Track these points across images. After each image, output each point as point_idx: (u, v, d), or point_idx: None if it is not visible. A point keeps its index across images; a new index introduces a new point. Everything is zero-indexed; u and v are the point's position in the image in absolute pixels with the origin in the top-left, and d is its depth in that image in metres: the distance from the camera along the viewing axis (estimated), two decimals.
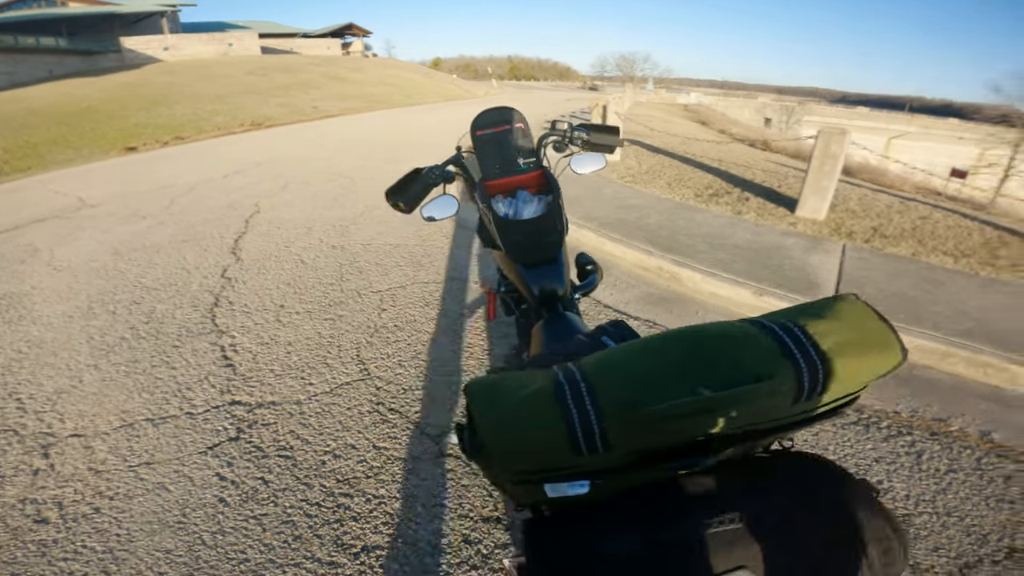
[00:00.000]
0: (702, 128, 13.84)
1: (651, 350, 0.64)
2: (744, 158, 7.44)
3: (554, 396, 0.60)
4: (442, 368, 2.36)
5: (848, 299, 0.68)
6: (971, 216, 4.88)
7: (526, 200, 1.61)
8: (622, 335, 1.14)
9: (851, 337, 0.62)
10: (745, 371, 0.60)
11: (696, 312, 2.89)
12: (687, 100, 24.81)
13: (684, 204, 4.63)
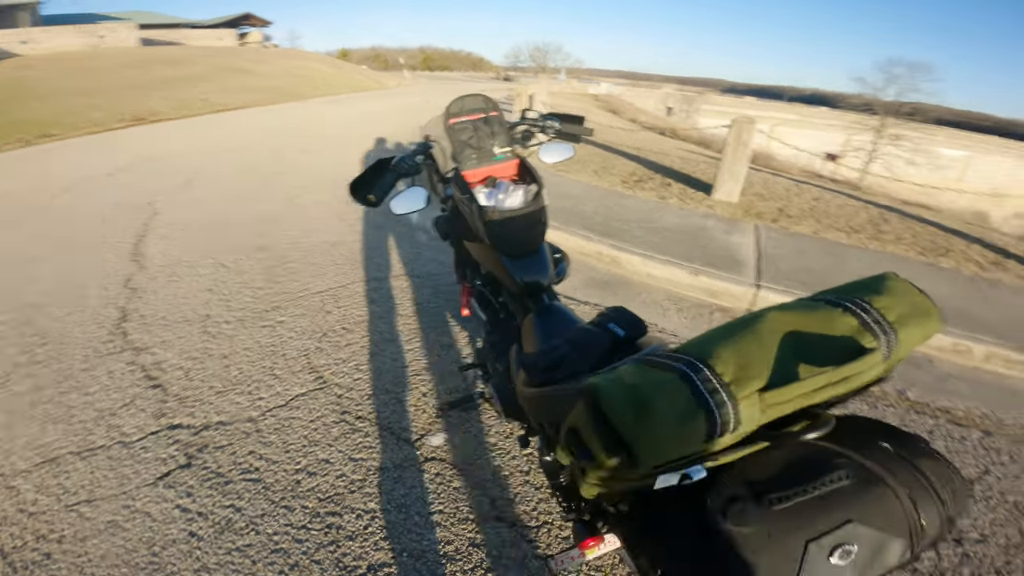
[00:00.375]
0: (615, 117, 14.44)
1: (750, 332, 0.68)
2: (658, 146, 7.89)
3: (690, 389, 0.62)
4: (405, 369, 2.28)
5: (891, 276, 0.76)
6: (855, 196, 5.57)
7: (508, 190, 1.59)
8: (627, 320, 1.19)
9: (907, 310, 0.70)
10: (850, 346, 0.66)
11: (639, 294, 3.06)
12: (597, 90, 25.68)
13: (613, 191, 4.83)
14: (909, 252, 3.88)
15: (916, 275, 3.52)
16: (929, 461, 0.71)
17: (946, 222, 4.94)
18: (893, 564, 0.66)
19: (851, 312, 0.70)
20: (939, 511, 0.67)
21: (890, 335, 0.68)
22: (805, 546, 0.64)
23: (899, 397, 2.38)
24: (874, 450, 0.72)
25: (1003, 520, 1.75)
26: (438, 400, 2.10)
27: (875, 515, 0.65)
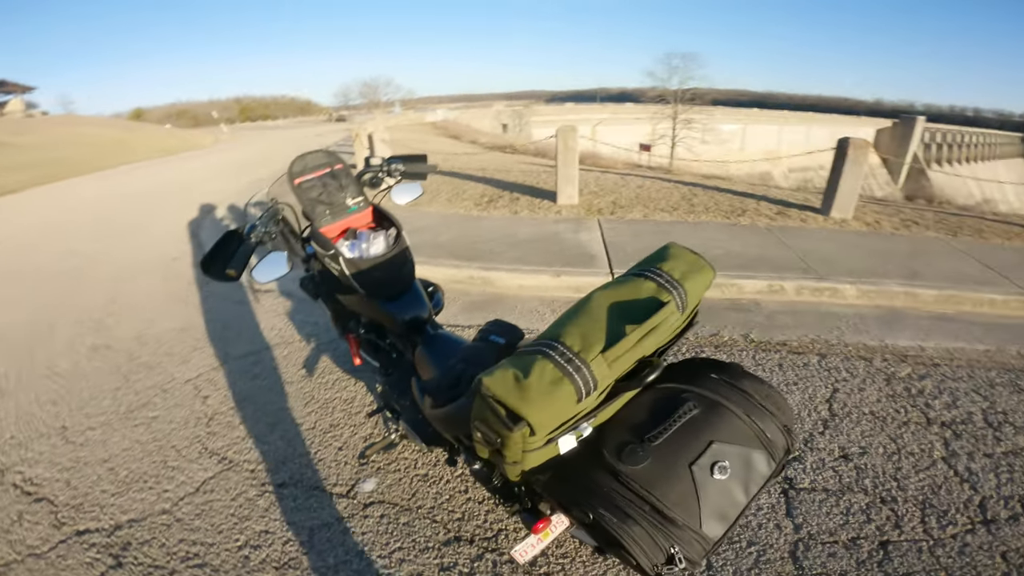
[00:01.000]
0: (457, 142, 14.97)
1: (584, 312, 0.88)
2: (501, 164, 8.41)
3: (553, 364, 0.78)
4: (313, 431, 2.21)
5: (672, 246, 1.02)
6: (668, 179, 6.54)
7: (369, 238, 1.65)
8: (505, 329, 1.36)
9: (687, 268, 0.96)
10: (652, 304, 0.88)
11: (515, 306, 3.28)
12: (435, 118, 26.28)
13: (468, 215, 5.07)
14: (716, 218, 4.70)
15: (724, 234, 4.29)
16: (748, 381, 0.97)
17: (738, 188, 6.05)
18: (766, 473, 0.88)
19: (649, 278, 0.94)
20: (773, 422, 0.92)
21: (679, 289, 0.92)
22: (690, 469, 0.83)
23: (745, 341, 2.89)
24: (707, 381, 0.96)
25: (870, 431, 2.20)
26: (359, 450, 2.08)
27: (727, 432, 0.88)
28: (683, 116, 28.52)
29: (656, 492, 0.81)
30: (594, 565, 1.58)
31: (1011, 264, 4.13)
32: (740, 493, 0.84)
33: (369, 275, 1.54)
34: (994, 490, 1.91)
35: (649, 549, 0.79)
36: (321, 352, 2.81)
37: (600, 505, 0.83)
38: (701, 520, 0.80)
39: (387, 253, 1.58)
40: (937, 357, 2.85)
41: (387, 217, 1.74)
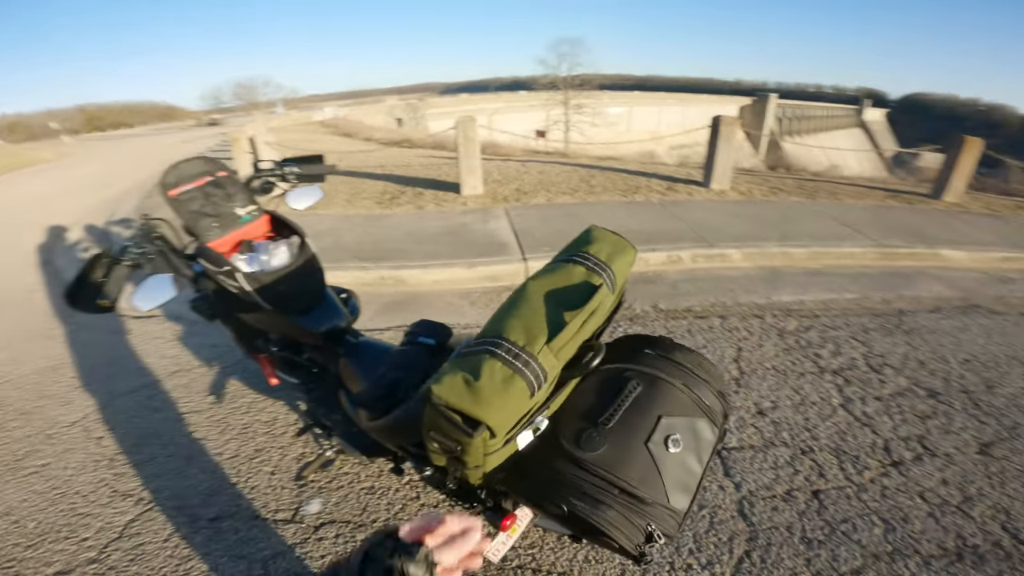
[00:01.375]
0: (349, 140, 14.25)
1: (521, 304, 0.85)
2: (400, 159, 8.14)
3: (502, 362, 0.76)
4: (235, 459, 2.00)
5: (594, 229, 1.04)
6: (566, 163, 6.73)
7: (270, 249, 1.49)
8: (433, 329, 1.30)
9: (611, 249, 0.97)
10: (585, 288, 0.88)
11: (432, 303, 3.19)
12: (323, 116, 24.76)
13: (371, 214, 4.84)
14: (614, 197, 4.93)
15: (623, 212, 4.51)
16: (680, 352, 1.00)
17: (630, 167, 6.40)
18: (712, 440, 0.91)
19: (578, 263, 0.94)
20: (709, 389, 0.95)
21: (607, 270, 0.94)
22: (646, 447, 0.84)
23: (655, 311, 3.06)
24: (644, 357, 0.97)
25: (776, 385, 2.39)
26: (294, 472, 1.94)
27: (671, 405, 0.90)
28: (574, 101, 29.63)
29: (620, 474, 0.81)
30: (562, 551, 1.60)
31: (863, 221, 4.80)
32: (695, 463, 0.85)
33: (275, 289, 1.41)
34: (892, 432, 2.19)
35: (627, 531, 0.79)
36: (227, 376, 2.54)
37: (571, 495, 0.82)
38: (667, 495, 0.81)
39: (292, 263, 1.45)
40: (816, 309, 3.22)
41: (287, 225, 1.60)
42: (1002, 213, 5.66)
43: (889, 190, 6.46)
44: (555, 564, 1.58)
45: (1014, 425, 2.23)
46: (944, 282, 3.80)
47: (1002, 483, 1.92)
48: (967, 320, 3.18)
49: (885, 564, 1.60)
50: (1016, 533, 1.71)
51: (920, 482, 1.92)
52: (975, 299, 3.54)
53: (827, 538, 1.68)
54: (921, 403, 2.36)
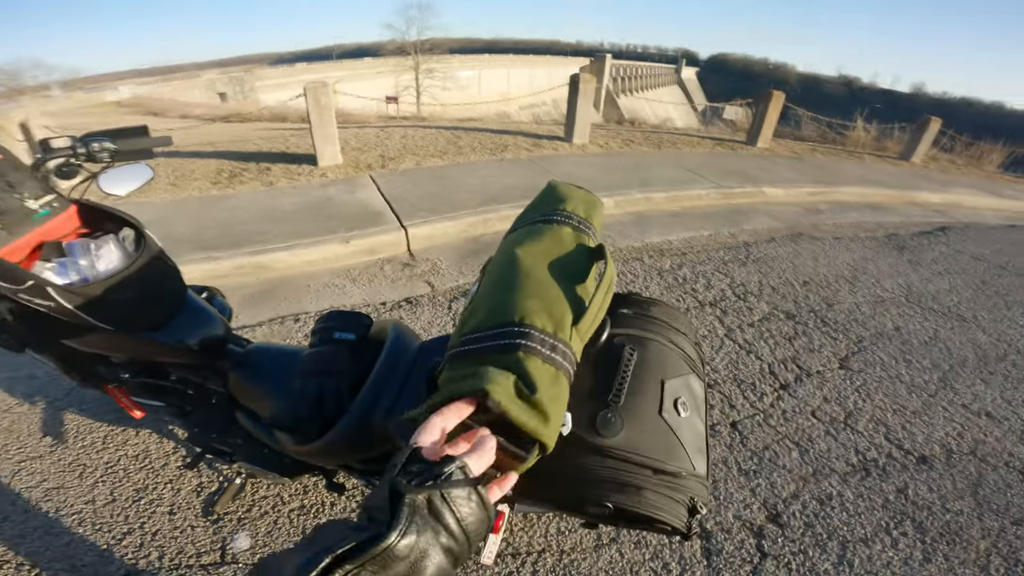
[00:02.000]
0: (160, 119, 12.04)
1: (524, 278, 0.71)
2: (233, 134, 7.05)
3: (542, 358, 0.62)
4: (113, 504, 1.59)
5: (555, 184, 0.93)
6: (427, 126, 6.43)
7: (92, 249, 1.08)
8: (348, 320, 1.09)
9: (585, 204, 0.87)
10: (583, 252, 0.77)
11: (308, 285, 2.82)
12: (119, 96, 20.41)
13: (207, 196, 4.12)
14: (484, 156, 4.83)
15: (497, 170, 4.45)
16: (654, 307, 0.91)
17: (494, 127, 6.34)
18: (703, 394, 0.84)
19: (562, 223, 0.81)
20: (687, 341, 0.88)
21: (591, 228, 0.83)
22: (661, 417, 0.74)
23: None
24: (624, 319, 0.87)
25: None
26: (200, 508, 1.61)
27: (668, 366, 0.81)
28: (424, 66, 28.66)
29: (647, 452, 0.72)
30: (532, 529, 1.55)
31: (702, 166, 5.35)
32: (699, 422, 0.79)
33: (110, 302, 1.03)
34: (772, 356, 2.46)
35: (674, 511, 0.71)
36: (60, 410, 1.97)
37: (612, 491, 0.71)
38: (692, 462, 0.74)
39: (130, 265, 1.07)
40: (682, 247, 3.53)
41: (110, 216, 1.19)
42: (802, 155, 6.78)
43: (715, 139, 7.34)
44: (530, 544, 1.52)
45: (859, 338, 2.69)
46: (772, 215, 4.44)
47: (868, 395, 2.27)
48: (796, 247, 3.75)
49: (813, 485, 1.79)
50: (899, 443, 2.02)
51: (808, 402, 2.19)
52: (798, 228, 4.20)
53: (759, 467, 1.84)
54: (784, 325, 2.72)
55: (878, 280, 3.36)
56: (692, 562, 1.50)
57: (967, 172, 7.57)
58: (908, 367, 2.49)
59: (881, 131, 8.67)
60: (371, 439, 0.98)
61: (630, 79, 49.39)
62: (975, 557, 1.60)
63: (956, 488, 1.85)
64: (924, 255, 3.90)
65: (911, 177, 6.44)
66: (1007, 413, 2.26)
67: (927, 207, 5.49)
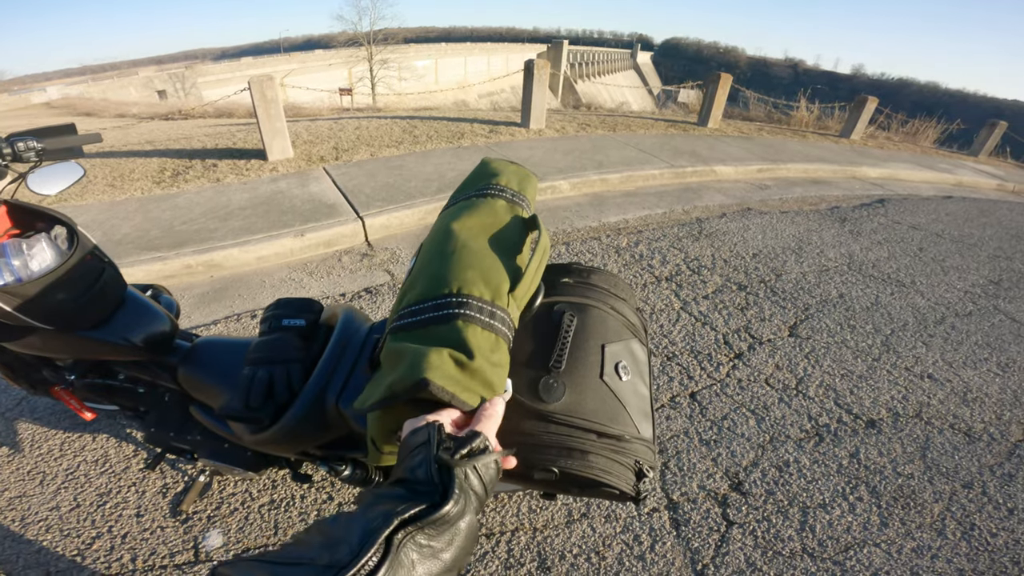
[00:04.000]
0: (94, 119, 11.34)
1: (459, 249, 0.72)
2: (174, 132, 6.72)
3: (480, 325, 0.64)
4: (77, 510, 1.51)
5: (488, 160, 0.92)
6: (382, 117, 6.29)
7: (23, 249, 1.04)
8: (296, 306, 1.08)
9: (518, 178, 0.88)
10: (517, 224, 0.78)
11: (263, 281, 2.74)
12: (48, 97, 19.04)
13: (150, 196, 3.93)
14: (441, 144, 4.78)
15: (454, 158, 4.42)
16: (594, 275, 0.92)
17: (450, 115, 6.26)
18: (646, 359, 0.86)
19: (496, 196, 0.82)
20: (627, 307, 0.90)
21: (524, 200, 0.84)
22: (603, 381, 0.76)
23: None
24: (564, 287, 0.89)
25: None
26: (168, 509, 1.57)
27: (608, 331, 0.82)
28: (379, 57, 27.98)
29: (590, 416, 0.73)
30: (504, 509, 1.56)
31: (656, 147, 5.46)
32: (642, 386, 0.81)
33: (48, 301, 1.00)
34: (725, 326, 2.54)
35: (621, 474, 0.72)
36: (13, 420, 1.87)
37: (557, 456, 0.71)
38: (636, 426, 0.76)
39: (64, 263, 1.04)
40: (638, 226, 3.60)
41: (40, 214, 1.14)
42: (749, 134, 6.99)
43: (668, 120, 7.49)
44: (503, 523, 1.54)
45: (805, 306, 2.81)
46: (722, 192, 4.58)
47: (817, 361, 2.36)
48: (746, 221, 3.89)
49: (771, 452, 1.85)
50: (848, 408, 2.10)
51: (761, 370, 2.26)
52: (747, 203, 4.35)
53: (719, 437, 1.89)
54: (736, 296, 2.83)
55: (822, 250, 3.53)
56: (662, 533, 1.54)
57: (904, 148, 7.99)
58: (852, 332, 2.62)
59: (823, 111, 9.04)
60: (326, 422, 0.98)
61: (587, 64, 49.66)
62: (931, 521, 1.66)
63: (905, 452, 1.92)
64: (864, 225, 4.12)
65: (851, 153, 6.76)
66: (948, 375, 2.38)
67: (866, 181, 5.78)
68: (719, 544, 1.54)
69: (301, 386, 0.99)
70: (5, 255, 1.04)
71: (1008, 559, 1.57)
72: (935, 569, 1.52)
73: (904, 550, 1.56)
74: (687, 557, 1.50)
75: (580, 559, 1.47)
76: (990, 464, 1.91)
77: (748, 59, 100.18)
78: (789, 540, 1.56)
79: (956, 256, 3.73)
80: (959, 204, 5.24)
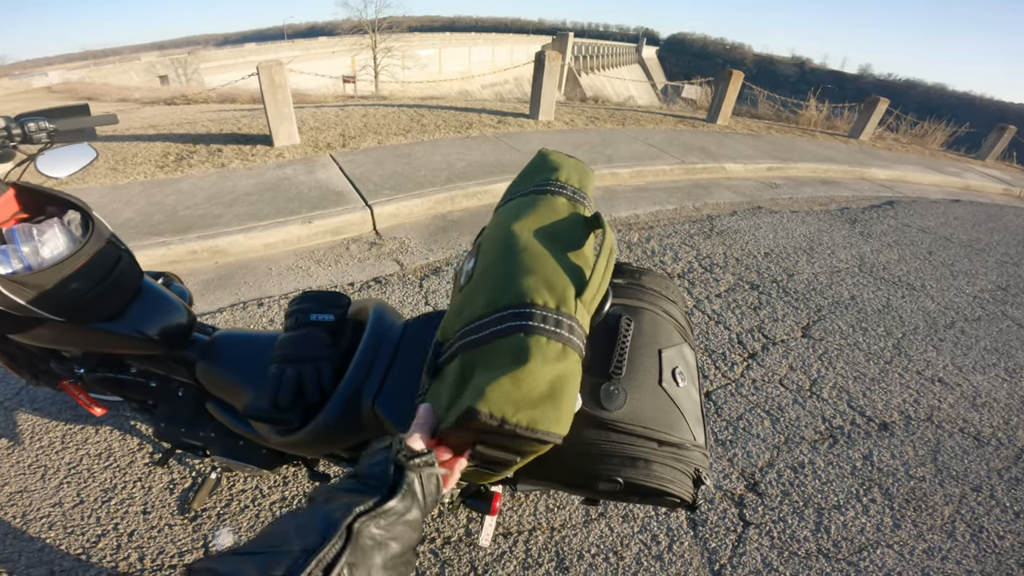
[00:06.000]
0: (96, 103, 11.21)
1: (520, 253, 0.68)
2: (179, 116, 6.64)
3: (546, 335, 0.60)
4: (81, 506, 1.45)
5: (549, 153, 0.87)
6: (388, 105, 6.22)
7: (33, 236, 0.98)
8: (325, 301, 1.04)
9: (577, 173, 0.84)
10: (578, 221, 0.74)
11: (270, 268, 2.70)
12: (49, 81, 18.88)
13: (154, 180, 3.87)
14: (449, 134, 4.72)
15: (462, 148, 4.36)
16: (645, 276, 0.88)
17: (458, 104, 6.19)
18: (695, 363, 0.82)
19: (556, 194, 0.78)
20: (678, 309, 0.86)
21: (585, 197, 0.80)
22: (662, 387, 0.72)
23: None
24: (617, 289, 0.84)
25: None
26: (176, 506, 1.53)
27: (662, 336, 0.79)
28: (382, 45, 27.78)
29: (651, 424, 0.70)
30: (521, 508, 1.54)
31: (665, 142, 5.40)
32: (695, 392, 0.78)
33: (60, 292, 0.94)
34: (739, 325, 2.51)
35: (681, 483, 0.70)
36: (12, 411, 1.82)
37: (622, 466, 0.68)
38: (693, 433, 0.73)
39: (78, 250, 0.98)
40: (649, 221, 3.56)
41: (51, 196, 1.09)
42: (759, 132, 6.94)
43: (677, 116, 7.42)
44: (520, 523, 1.51)
45: (818, 307, 2.78)
46: (732, 190, 4.54)
47: (830, 363, 2.34)
48: (757, 220, 3.85)
49: (786, 453, 1.84)
50: (861, 410, 2.09)
51: (775, 371, 2.24)
52: (757, 202, 4.31)
53: (735, 437, 1.88)
54: (749, 296, 2.79)
55: (833, 251, 3.50)
56: (679, 533, 1.53)
57: (912, 150, 7.95)
58: (865, 335, 2.61)
59: (832, 110, 8.97)
60: (360, 424, 0.94)
61: (592, 58, 49.30)
62: (941, 523, 1.67)
63: (917, 454, 1.92)
64: (874, 227, 4.09)
65: (860, 154, 6.71)
66: (958, 379, 2.38)
67: (875, 182, 5.74)
68: (736, 544, 1.53)
69: (332, 386, 0.95)
70: (14, 241, 0.99)
71: (1014, 561, 1.59)
72: (945, 570, 1.53)
73: (916, 551, 1.57)
74: (704, 557, 1.48)
75: (598, 559, 1.45)
76: (998, 468, 1.92)
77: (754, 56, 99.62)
78: (805, 541, 1.56)
79: (965, 260, 3.71)
80: (967, 208, 5.21)
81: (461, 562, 1.41)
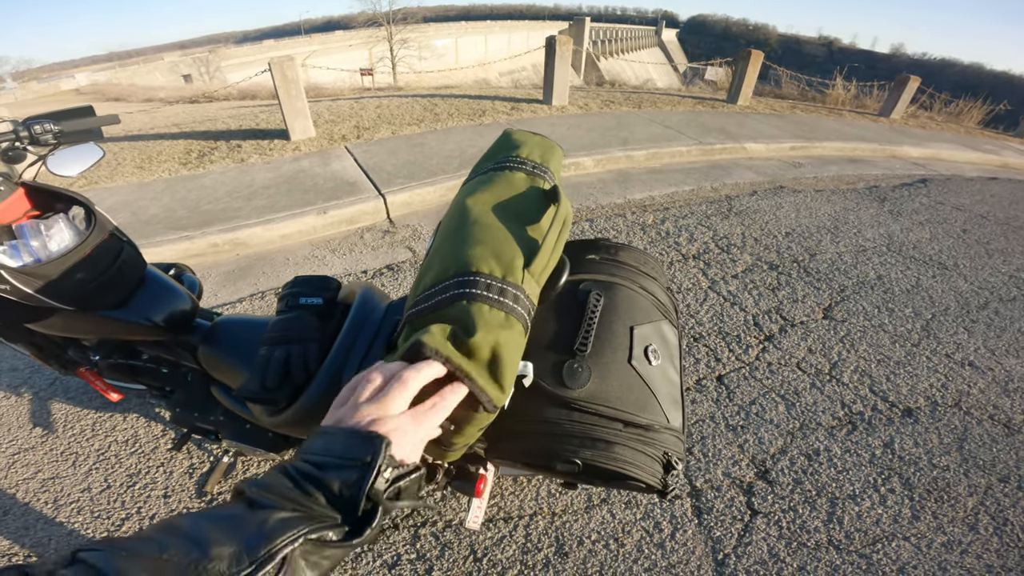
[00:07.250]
0: (122, 104, 11.57)
1: (471, 225, 0.66)
2: (200, 114, 6.79)
3: (488, 303, 0.58)
4: (109, 491, 1.54)
5: (514, 131, 0.86)
6: (403, 95, 6.24)
7: (42, 230, 1.05)
8: (314, 285, 1.06)
9: (541, 150, 0.81)
10: (536, 194, 0.72)
11: (287, 259, 2.76)
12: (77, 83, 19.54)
13: (178, 176, 3.98)
14: (462, 122, 4.71)
15: (475, 135, 4.35)
16: (623, 252, 0.87)
17: (471, 93, 6.17)
18: (677, 342, 0.80)
19: (515, 169, 0.76)
20: (658, 286, 0.84)
21: (547, 172, 0.78)
22: (631, 366, 0.70)
23: None
24: (590, 264, 0.83)
25: None
26: (194, 489, 1.59)
27: (637, 312, 0.77)
28: (398, 36, 27.84)
29: (619, 405, 0.68)
30: (523, 493, 1.54)
31: (683, 124, 5.28)
32: (672, 371, 0.75)
33: (67, 282, 1.01)
34: (755, 307, 2.43)
35: (647, 466, 0.68)
36: (45, 400, 1.93)
37: (580, 446, 0.67)
38: (665, 414, 0.70)
39: (82, 242, 1.04)
40: (664, 203, 3.50)
41: (59, 195, 1.15)
42: (781, 112, 6.72)
43: (696, 98, 7.24)
44: (522, 507, 1.51)
45: (841, 288, 2.68)
46: (753, 170, 4.41)
47: (853, 346, 2.25)
48: (778, 199, 3.74)
49: (801, 439, 1.77)
50: (884, 395, 2.00)
51: (793, 353, 2.16)
52: (779, 181, 4.18)
53: (747, 423, 1.82)
54: (767, 276, 2.72)
55: (859, 230, 3.38)
56: (683, 521, 1.50)
57: (946, 128, 7.59)
58: (891, 316, 2.50)
59: (860, 89, 8.62)
60: None
61: (610, 42, 48.41)
62: (963, 515, 1.58)
63: (942, 442, 1.83)
64: (905, 206, 3.93)
65: (891, 132, 6.44)
66: (990, 363, 2.25)
67: (907, 160, 5.50)
68: (742, 534, 1.48)
69: (318, 366, 0.97)
70: (24, 236, 1.05)
71: None
72: (964, 564, 1.44)
73: (934, 544, 1.49)
74: (708, 546, 1.45)
75: (598, 545, 1.44)
76: None
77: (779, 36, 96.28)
78: (815, 531, 1.50)
79: (1001, 239, 3.53)
80: (1005, 186, 4.95)
81: (461, 545, 1.42)
